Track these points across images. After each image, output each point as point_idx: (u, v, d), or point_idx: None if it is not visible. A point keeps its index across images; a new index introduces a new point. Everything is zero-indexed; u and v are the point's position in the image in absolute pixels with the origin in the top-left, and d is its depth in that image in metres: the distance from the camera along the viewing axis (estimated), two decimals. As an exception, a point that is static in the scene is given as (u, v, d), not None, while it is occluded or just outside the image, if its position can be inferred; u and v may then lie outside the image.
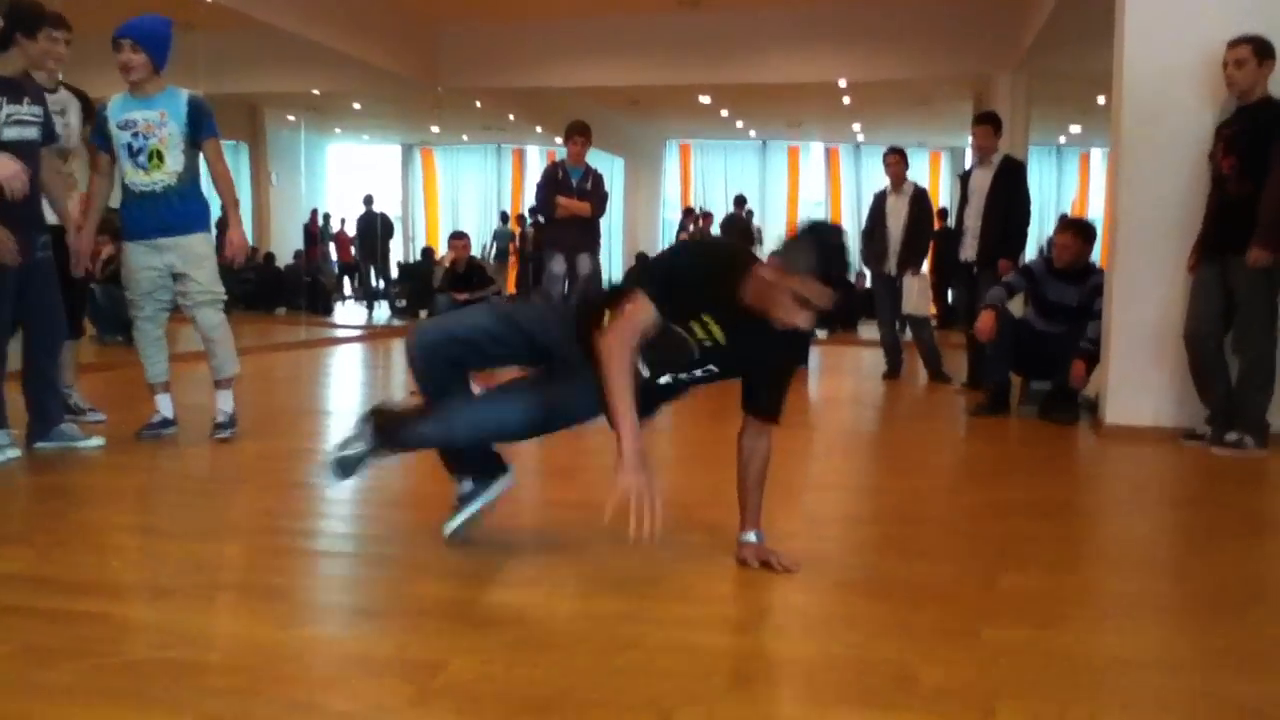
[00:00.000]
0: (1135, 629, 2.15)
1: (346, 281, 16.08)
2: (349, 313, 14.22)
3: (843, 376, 7.46)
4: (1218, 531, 3.04)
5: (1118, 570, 2.62)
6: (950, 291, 10.54)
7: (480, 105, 14.11)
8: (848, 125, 16.10)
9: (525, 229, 14.89)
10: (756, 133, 17.56)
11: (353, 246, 15.42)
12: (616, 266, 15.63)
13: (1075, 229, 5.19)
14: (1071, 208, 17.04)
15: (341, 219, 16.13)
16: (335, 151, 18.09)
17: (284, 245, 13.97)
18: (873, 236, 6.87)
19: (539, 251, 9.09)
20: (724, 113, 15.09)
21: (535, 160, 18.62)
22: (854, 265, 2.29)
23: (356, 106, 14.84)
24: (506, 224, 17.03)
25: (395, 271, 15.19)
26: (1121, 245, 4.61)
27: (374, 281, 14.94)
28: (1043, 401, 5.15)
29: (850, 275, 2.27)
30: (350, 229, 15.55)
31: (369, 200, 14.57)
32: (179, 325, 4.12)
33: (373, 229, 14.48)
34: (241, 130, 13.29)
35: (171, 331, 4.11)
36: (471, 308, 2.50)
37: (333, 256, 15.83)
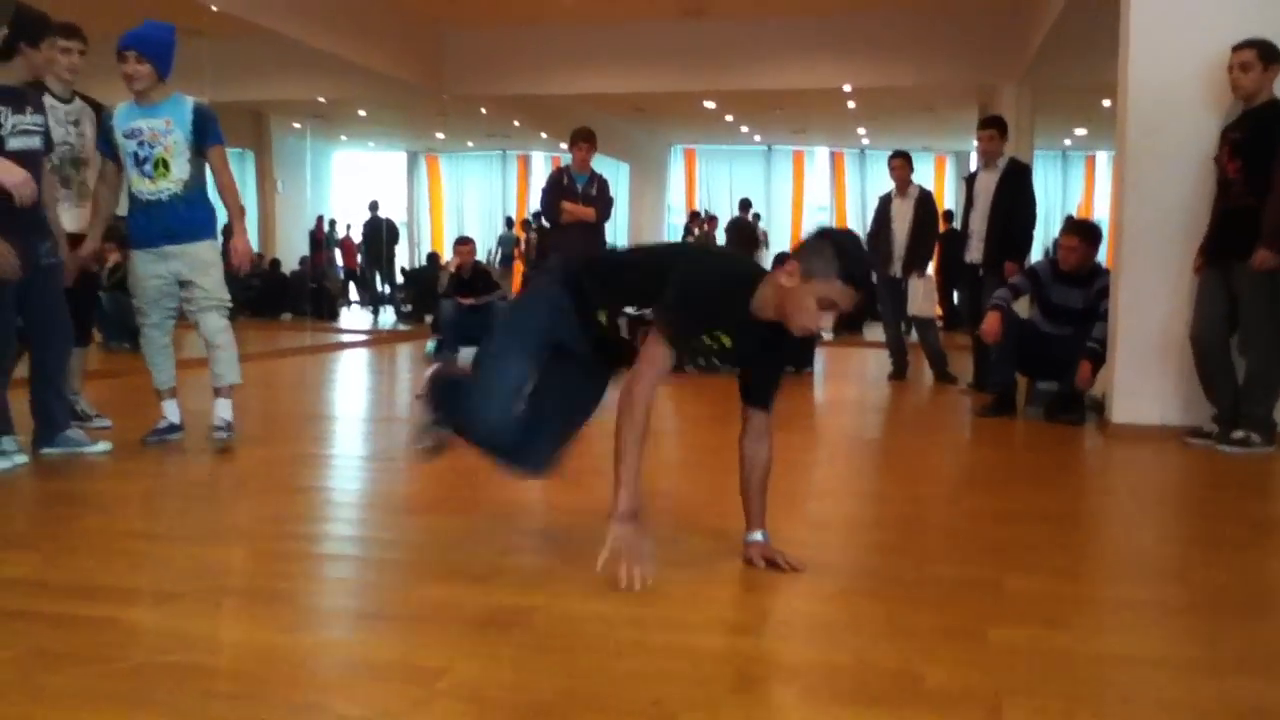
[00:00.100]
0: (1141, 629, 2.14)
1: (352, 287, 16.11)
2: (354, 318, 14.25)
3: (848, 378, 7.46)
4: (1224, 532, 3.03)
5: (1123, 571, 2.62)
6: (955, 293, 10.53)
7: (485, 112, 14.14)
8: (853, 130, 16.11)
9: (530, 234, 14.91)
10: (761, 138, 17.57)
11: (358, 252, 15.44)
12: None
13: (1081, 231, 5.18)
14: (1077, 210, 17.01)
15: (347, 225, 16.16)
16: (341, 158, 18.12)
17: (289, 251, 14.01)
18: (878, 239, 6.87)
19: (543, 257, 9.09)
20: (729, 118, 15.11)
21: (540, 166, 18.65)
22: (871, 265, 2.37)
23: (362, 114, 14.88)
24: (511, 229, 17.05)
25: (400, 277, 15.22)
26: (1127, 248, 4.60)
27: (379, 287, 14.96)
28: (1049, 403, 5.14)
29: (871, 275, 2.33)
30: (356, 235, 15.58)
31: (374, 206, 14.59)
32: (186, 331, 4.13)
33: (378, 235, 14.50)
34: (247, 137, 13.33)
35: (178, 338, 4.12)
36: (484, 360, 2.50)
37: (338, 262, 15.86)
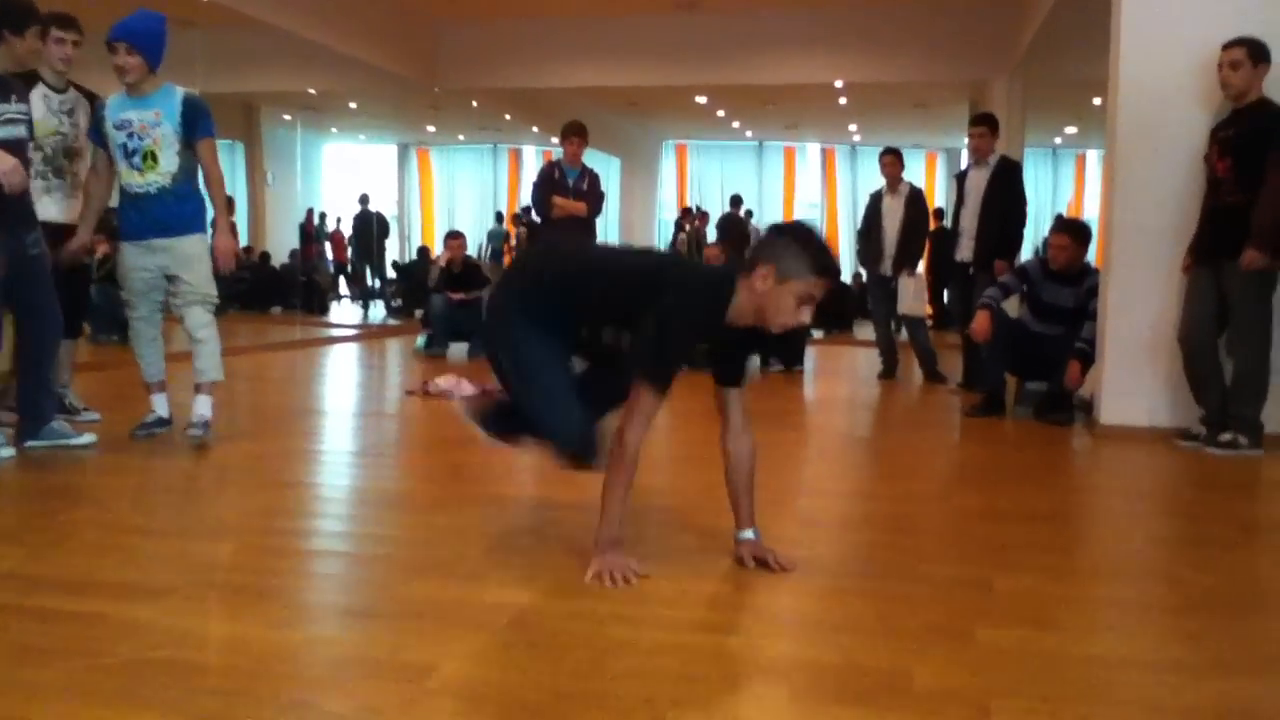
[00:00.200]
0: (1129, 629, 2.16)
1: (342, 281, 16.06)
2: (344, 312, 14.21)
3: (838, 377, 7.47)
4: (1212, 533, 3.04)
5: (1112, 572, 2.63)
6: (946, 292, 10.56)
7: (477, 105, 14.10)
8: (844, 126, 16.13)
9: (520, 229, 14.90)
10: (753, 133, 17.57)
11: (348, 246, 15.39)
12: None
13: (1071, 230, 5.19)
14: (1067, 209, 17.07)
15: (337, 218, 16.10)
16: (331, 151, 18.08)
17: (279, 244, 13.97)
18: (868, 237, 6.88)
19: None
20: (720, 113, 15.10)
21: (531, 160, 18.63)
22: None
23: (353, 106, 14.82)
24: (501, 224, 17.02)
25: (392, 270, 15.18)
26: (1117, 247, 4.62)
27: (369, 281, 14.92)
28: (1038, 402, 5.15)
29: (837, 261, 2.36)
30: (346, 228, 15.52)
31: (364, 199, 14.54)
32: (175, 324, 4.10)
33: (368, 228, 14.46)
34: (237, 129, 13.28)
35: (168, 331, 4.09)
36: (531, 400, 2.48)
37: (328, 256, 15.81)
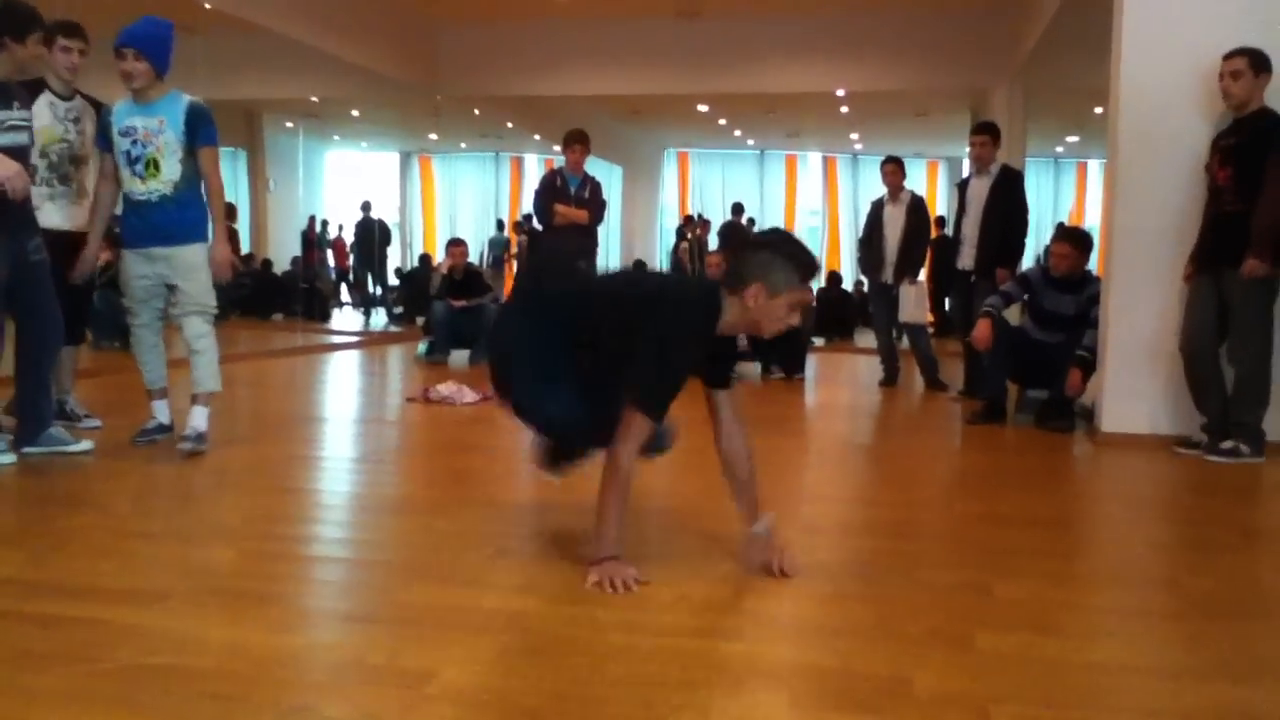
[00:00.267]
0: (1130, 635, 2.15)
1: (343, 288, 16.07)
2: (345, 319, 14.21)
3: (840, 384, 7.47)
4: (1212, 540, 3.04)
5: (1113, 578, 2.62)
6: (947, 300, 10.56)
7: (479, 113, 14.13)
8: (845, 135, 16.16)
9: (521, 236, 14.92)
10: (754, 142, 17.61)
11: (350, 253, 15.41)
12: (614, 274, 15.60)
13: (1072, 238, 5.19)
14: (1068, 217, 17.09)
15: (339, 225, 16.12)
16: (333, 158, 18.12)
17: (281, 251, 13.99)
18: (870, 245, 6.89)
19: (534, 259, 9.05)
20: (722, 121, 15.13)
21: (533, 168, 18.65)
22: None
23: (355, 113, 14.86)
24: (502, 231, 17.04)
25: (395, 277, 15.20)
26: (1118, 255, 4.62)
27: (371, 288, 14.95)
28: (1039, 410, 5.15)
29: (815, 258, 2.42)
30: (348, 235, 15.54)
31: (366, 206, 14.56)
32: (177, 331, 4.10)
33: (370, 235, 14.49)
34: (240, 136, 13.31)
35: (169, 337, 4.09)
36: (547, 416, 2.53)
37: (330, 263, 15.82)
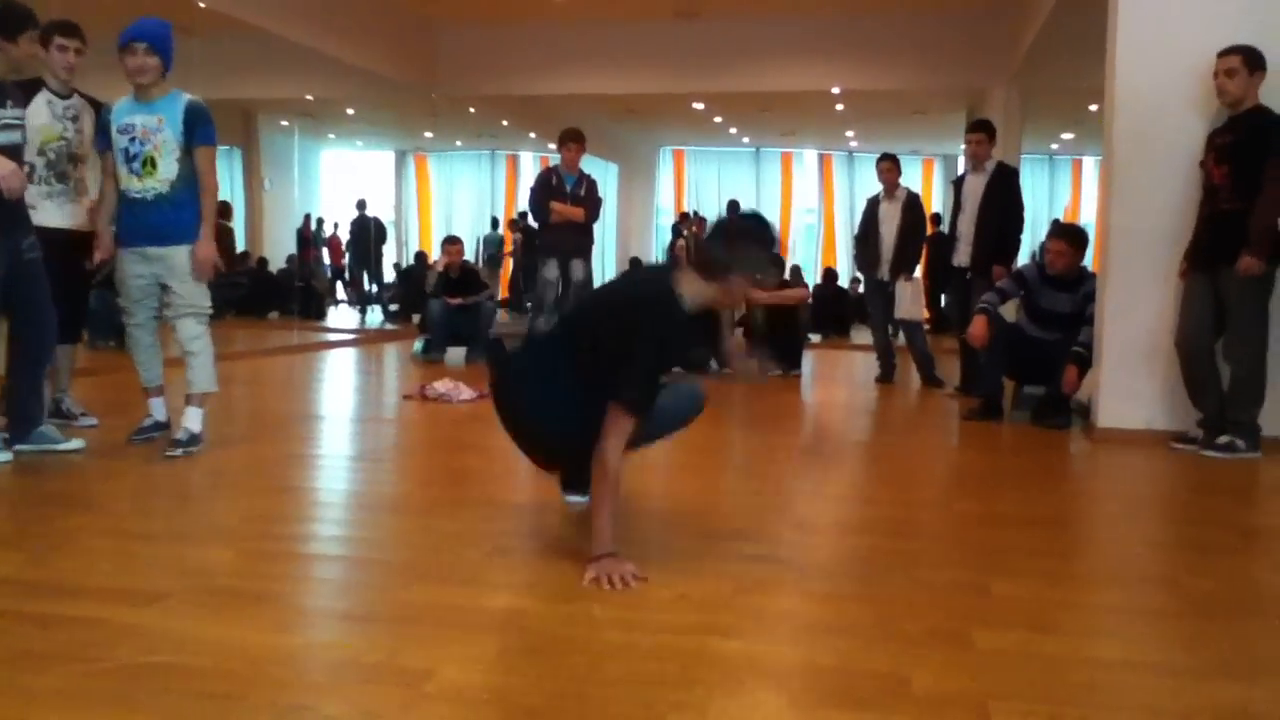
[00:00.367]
0: (1128, 634, 2.16)
1: (339, 286, 16.04)
2: (341, 317, 14.19)
3: (835, 381, 7.47)
4: (1209, 537, 3.04)
5: (1110, 576, 2.63)
6: (943, 297, 10.57)
7: (474, 112, 14.10)
8: (841, 133, 16.14)
9: (516, 234, 14.90)
10: (750, 140, 17.59)
11: (345, 251, 15.38)
12: (609, 272, 15.64)
13: (1068, 236, 5.19)
14: (1064, 214, 17.09)
15: (334, 224, 16.09)
16: (329, 157, 18.07)
17: (277, 250, 13.95)
18: (866, 242, 6.89)
19: (530, 257, 9.05)
20: (718, 120, 15.12)
21: (529, 167, 18.62)
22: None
23: (350, 112, 14.83)
24: (496, 229, 17.01)
25: (393, 274, 15.17)
26: (1114, 252, 4.63)
27: (367, 286, 14.92)
28: (1035, 406, 5.16)
29: (774, 231, 2.57)
30: (343, 234, 15.51)
31: (362, 204, 14.53)
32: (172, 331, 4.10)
33: (366, 233, 14.46)
34: (235, 135, 13.26)
35: (165, 336, 4.08)
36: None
37: (325, 261, 15.79)
